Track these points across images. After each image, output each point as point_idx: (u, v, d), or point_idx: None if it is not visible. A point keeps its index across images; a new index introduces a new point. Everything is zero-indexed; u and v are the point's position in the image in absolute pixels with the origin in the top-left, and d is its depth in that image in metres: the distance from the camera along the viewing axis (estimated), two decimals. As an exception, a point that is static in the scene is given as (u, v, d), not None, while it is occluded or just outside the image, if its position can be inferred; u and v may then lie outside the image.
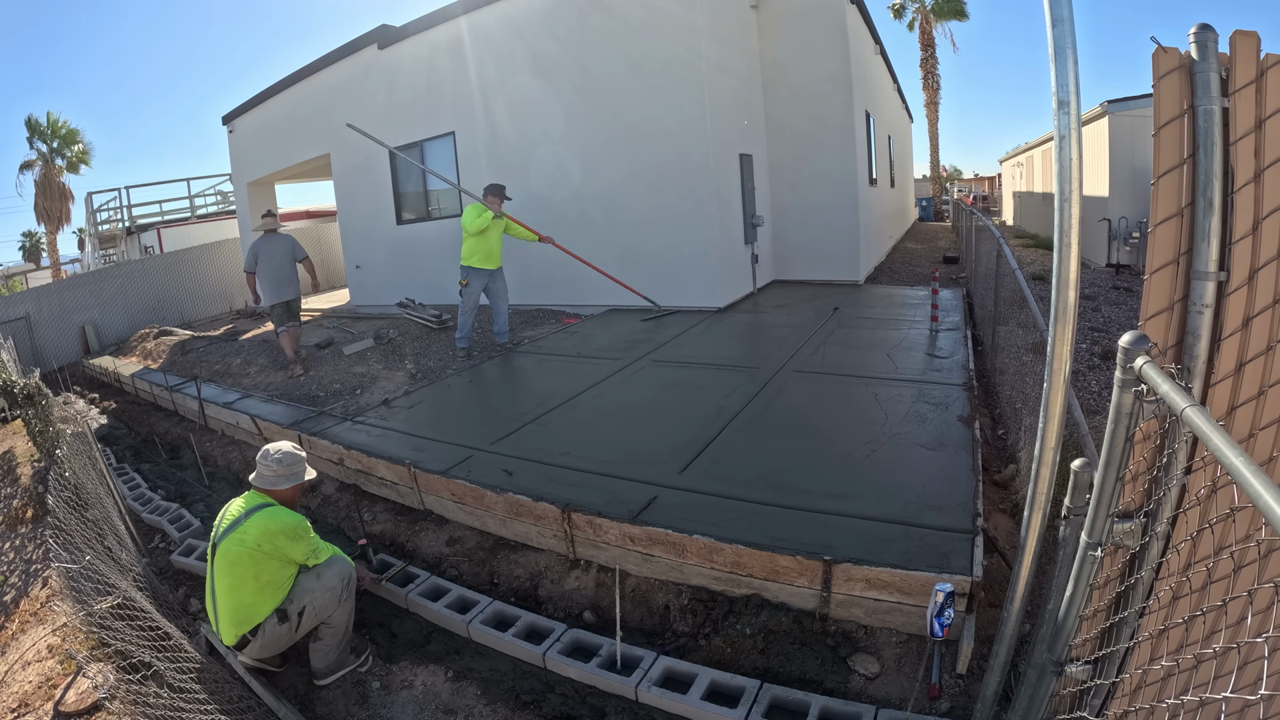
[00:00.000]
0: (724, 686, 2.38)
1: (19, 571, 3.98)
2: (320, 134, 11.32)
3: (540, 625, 2.83)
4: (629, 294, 8.22)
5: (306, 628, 2.68)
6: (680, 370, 5.46)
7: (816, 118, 9.47)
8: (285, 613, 2.62)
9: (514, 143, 8.88)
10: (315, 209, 18.54)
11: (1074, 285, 1.42)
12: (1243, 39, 1.35)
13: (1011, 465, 3.83)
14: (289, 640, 2.67)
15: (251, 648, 2.62)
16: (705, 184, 7.76)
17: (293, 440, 4.93)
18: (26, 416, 5.62)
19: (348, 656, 2.78)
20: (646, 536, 2.94)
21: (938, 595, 1.65)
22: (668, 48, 7.64)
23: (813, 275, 9.82)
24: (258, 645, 2.61)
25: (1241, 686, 0.95)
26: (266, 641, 2.62)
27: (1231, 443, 0.94)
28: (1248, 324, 1.38)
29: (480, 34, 8.88)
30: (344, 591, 2.75)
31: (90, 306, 12.40)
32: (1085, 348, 6.37)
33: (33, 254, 40.08)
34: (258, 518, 2.62)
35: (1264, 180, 1.36)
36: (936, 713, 2.21)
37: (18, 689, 2.71)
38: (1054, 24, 1.30)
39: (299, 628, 2.65)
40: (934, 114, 25.70)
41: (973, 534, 2.64)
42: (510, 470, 3.72)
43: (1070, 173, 1.35)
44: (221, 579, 2.61)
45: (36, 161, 22.68)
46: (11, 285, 24.25)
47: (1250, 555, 1.18)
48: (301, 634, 2.69)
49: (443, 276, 9.92)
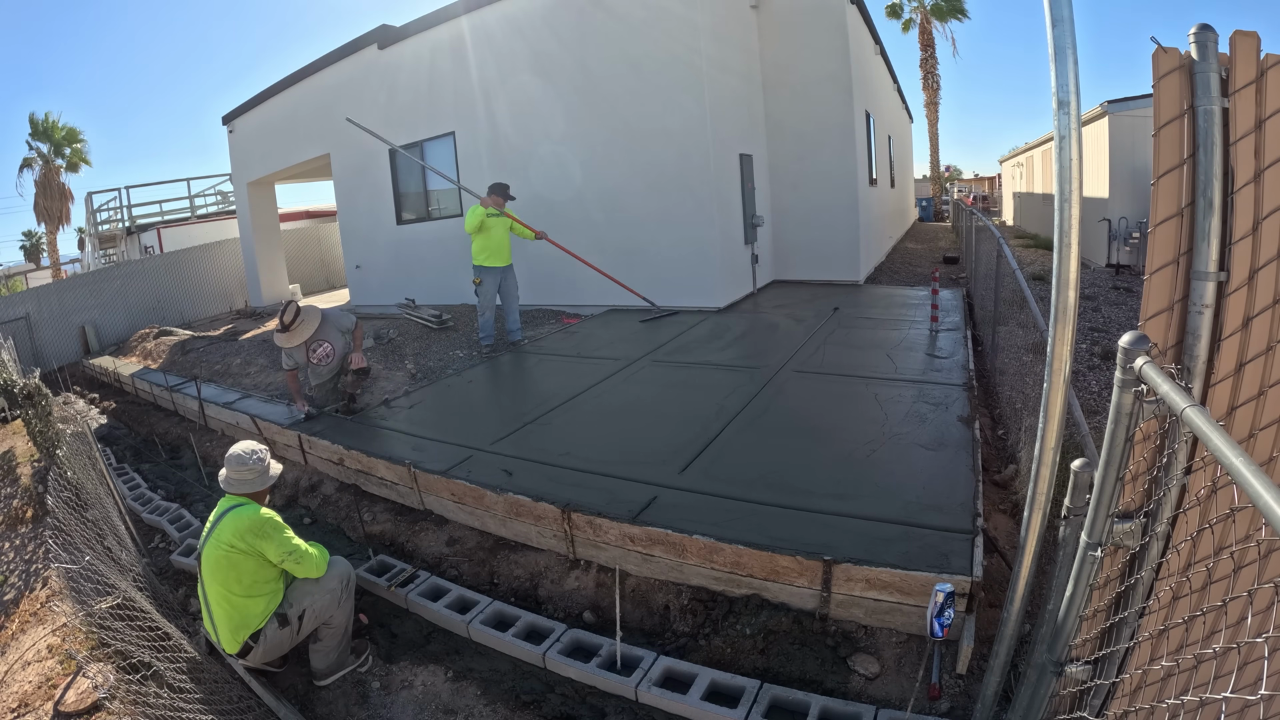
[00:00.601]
0: (724, 687, 2.38)
1: (19, 571, 3.98)
2: (320, 134, 11.32)
3: (540, 625, 2.83)
4: (629, 294, 8.22)
5: (308, 630, 2.69)
6: (680, 370, 5.46)
7: (816, 118, 9.47)
8: (285, 617, 2.63)
9: (515, 143, 8.88)
10: (315, 209, 18.56)
11: (1074, 285, 1.42)
12: (1243, 39, 1.35)
13: (1011, 465, 3.83)
14: (291, 644, 2.68)
15: (255, 654, 2.62)
16: (705, 184, 7.76)
17: (292, 441, 4.93)
18: (26, 416, 5.62)
19: (348, 657, 2.79)
20: (646, 536, 2.94)
21: (938, 595, 1.65)
22: (668, 47, 7.65)
23: (813, 275, 9.82)
24: (260, 651, 2.62)
25: (1241, 686, 0.95)
26: (269, 647, 2.62)
27: (1231, 443, 0.94)
28: (1248, 324, 1.38)
29: (480, 34, 8.88)
30: (343, 593, 2.76)
31: (90, 306, 12.40)
32: (1085, 348, 6.37)
33: (33, 254, 40.09)
34: (229, 518, 2.62)
35: (1264, 180, 1.36)
36: (936, 713, 2.21)
37: (18, 689, 2.71)
38: (1054, 24, 1.30)
39: (300, 630, 2.66)
40: (934, 114, 25.70)
41: (973, 534, 2.64)
42: (510, 470, 3.72)
43: (1070, 173, 1.35)
44: (210, 587, 2.61)
45: (36, 160, 22.69)
46: (11, 285, 24.24)
47: (1250, 555, 1.18)
48: (303, 636, 2.70)
49: (443, 276, 9.93)
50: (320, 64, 10.99)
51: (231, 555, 2.55)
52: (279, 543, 2.61)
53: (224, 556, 2.55)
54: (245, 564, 2.57)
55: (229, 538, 2.56)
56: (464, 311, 8.85)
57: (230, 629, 2.58)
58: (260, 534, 2.58)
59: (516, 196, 7.22)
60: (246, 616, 2.58)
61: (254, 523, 2.59)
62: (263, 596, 2.62)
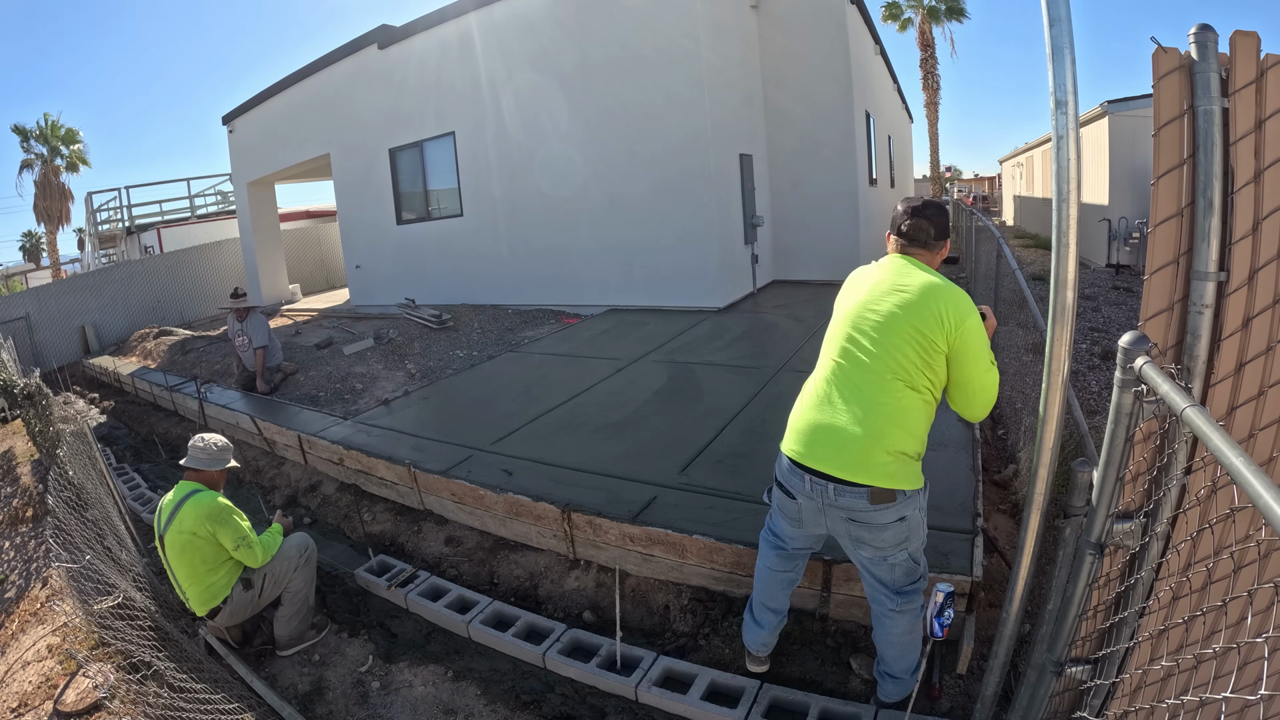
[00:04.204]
0: (724, 687, 2.38)
1: (19, 571, 3.98)
2: (320, 134, 11.33)
3: (540, 625, 2.83)
4: (629, 294, 8.23)
5: (269, 594, 2.90)
6: (680, 370, 5.46)
7: (816, 118, 9.47)
8: (249, 581, 2.86)
9: (515, 143, 8.88)
10: (315, 209, 18.55)
11: (1072, 285, 1.41)
12: (1243, 39, 1.35)
13: (1011, 465, 3.83)
14: (254, 606, 2.88)
15: (222, 616, 2.83)
16: (705, 184, 7.77)
17: (292, 441, 4.93)
18: (26, 416, 5.62)
19: (308, 631, 2.97)
20: (646, 536, 2.94)
21: (937, 595, 1.65)
22: (668, 48, 7.65)
23: (813, 275, 9.82)
24: (227, 613, 2.83)
25: (1241, 686, 0.95)
26: (235, 608, 2.84)
27: (1231, 443, 0.94)
28: (1248, 324, 1.38)
29: (480, 34, 8.89)
30: (300, 559, 2.98)
31: (90, 306, 12.40)
32: (1085, 348, 6.36)
33: (33, 254, 40.09)
34: (189, 505, 2.81)
35: (1264, 180, 1.36)
36: (936, 713, 2.21)
37: (18, 688, 2.70)
38: (1051, 23, 1.30)
39: (262, 593, 2.88)
40: (934, 114, 25.65)
41: (973, 534, 2.64)
42: (510, 470, 3.72)
43: (1068, 172, 1.35)
44: (178, 568, 2.82)
45: (35, 161, 22.68)
46: (11, 285, 24.24)
47: (1250, 555, 1.18)
48: (266, 600, 2.91)
49: (443, 276, 9.95)
50: (320, 64, 10.99)
51: (194, 540, 2.75)
52: (233, 529, 2.79)
53: (188, 542, 2.76)
54: (206, 547, 2.78)
55: (191, 525, 2.75)
56: (464, 311, 8.86)
57: (203, 600, 2.80)
58: (218, 521, 2.77)
59: (522, 193, 7.19)
60: (214, 586, 2.80)
61: (212, 511, 2.78)
62: (225, 565, 2.83)
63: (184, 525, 2.75)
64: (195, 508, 2.78)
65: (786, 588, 2.26)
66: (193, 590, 2.79)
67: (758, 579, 2.29)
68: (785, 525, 2.14)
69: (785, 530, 2.16)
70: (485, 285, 9.52)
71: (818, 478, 1.88)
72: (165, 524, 2.83)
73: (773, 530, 2.24)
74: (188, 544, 2.75)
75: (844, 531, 1.93)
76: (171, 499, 2.87)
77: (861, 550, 1.95)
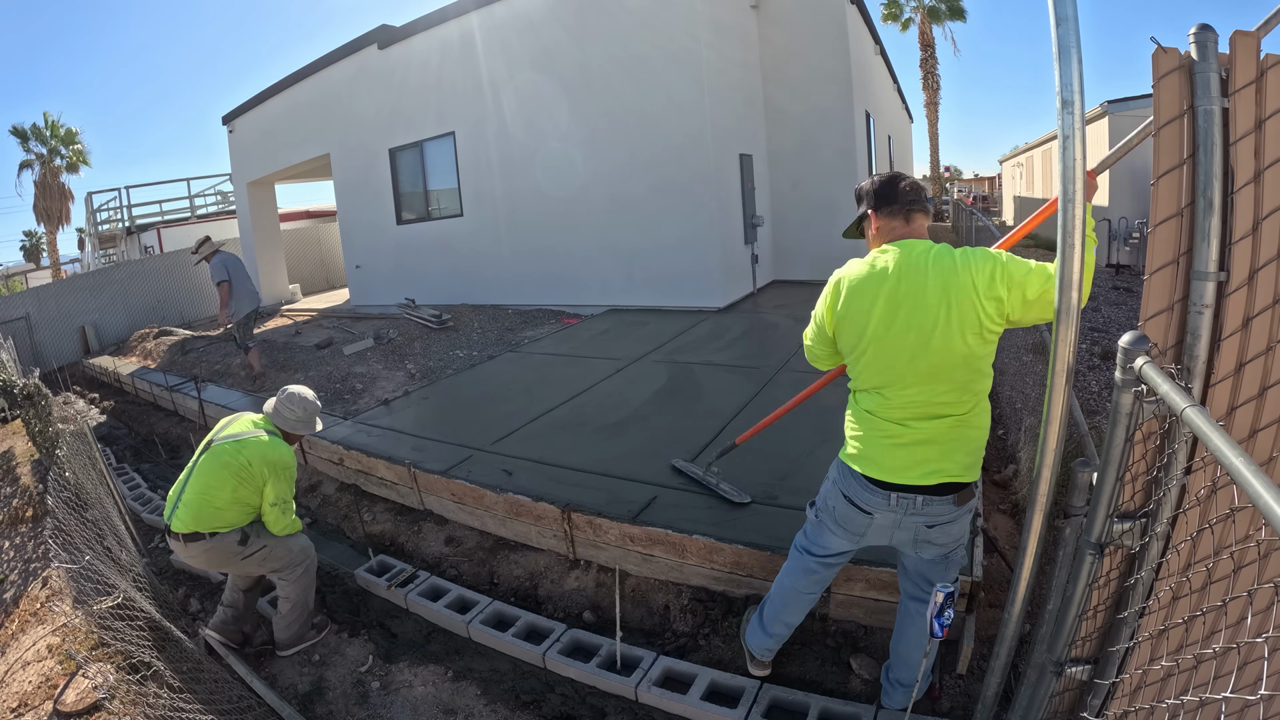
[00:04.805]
0: (724, 687, 2.38)
1: (19, 571, 3.98)
2: (320, 134, 11.33)
3: (540, 625, 2.83)
4: (629, 294, 8.21)
5: (253, 566, 2.77)
6: (681, 370, 5.46)
7: (816, 117, 9.46)
8: (246, 536, 2.71)
9: (516, 143, 8.88)
10: (315, 209, 18.55)
11: (1077, 287, 1.40)
12: (1243, 39, 1.35)
13: (1011, 465, 3.83)
14: (230, 564, 2.74)
15: (196, 548, 2.65)
16: (705, 184, 7.76)
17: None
18: (26, 416, 5.62)
19: (308, 631, 2.93)
20: (646, 536, 2.94)
21: (938, 595, 1.65)
22: (668, 48, 7.65)
23: (813, 275, 9.80)
24: (203, 549, 2.65)
25: (1241, 686, 0.95)
26: (214, 552, 2.67)
27: (1231, 443, 0.94)
28: (1248, 324, 1.38)
29: (481, 34, 8.89)
30: (302, 559, 2.86)
31: (90, 307, 12.39)
32: (1085, 348, 6.35)
33: (33, 254, 40.07)
34: (266, 441, 2.71)
35: (1264, 180, 1.36)
36: (936, 713, 2.21)
37: (17, 688, 2.70)
38: (1058, 23, 1.29)
39: (250, 557, 2.73)
40: (934, 114, 25.67)
41: (973, 534, 2.64)
42: (510, 470, 3.72)
43: (1074, 172, 1.34)
44: (201, 476, 2.66)
45: (35, 161, 22.68)
46: (11, 285, 24.23)
47: (1250, 555, 1.18)
48: (246, 567, 2.77)
49: (443, 276, 9.94)
50: (320, 64, 11.00)
51: (244, 470, 2.64)
52: (284, 487, 2.72)
53: (239, 467, 2.63)
54: (248, 485, 2.66)
55: (253, 456, 2.65)
56: (464, 311, 8.86)
57: (194, 517, 2.62)
58: (278, 471, 2.69)
59: (520, 194, 7.21)
60: (215, 518, 2.64)
61: (281, 460, 2.70)
62: (243, 509, 2.69)
63: (246, 452, 2.65)
64: (268, 448, 2.69)
65: (808, 606, 2.20)
66: (196, 503, 2.62)
67: (779, 596, 2.19)
68: (840, 541, 1.99)
69: (836, 545, 2.01)
70: (485, 285, 9.52)
71: (905, 492, 1.79)
72: (225, 436, 2.73)
73: (817, 547, 2.07)
74: (235, 468, 2.63)
75: (912, 538, 1.85)
76: (252, 422, 2.81)
77: (925, 551, 1.89)
